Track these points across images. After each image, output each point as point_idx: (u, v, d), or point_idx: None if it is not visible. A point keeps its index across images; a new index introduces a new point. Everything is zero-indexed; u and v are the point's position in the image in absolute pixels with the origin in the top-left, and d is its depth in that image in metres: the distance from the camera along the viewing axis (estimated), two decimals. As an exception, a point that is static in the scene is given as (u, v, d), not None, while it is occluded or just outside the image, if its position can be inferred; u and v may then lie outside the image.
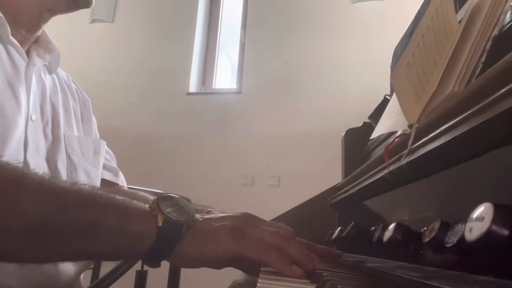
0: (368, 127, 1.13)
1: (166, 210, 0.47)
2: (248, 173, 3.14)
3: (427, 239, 0.41)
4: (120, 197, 0.48)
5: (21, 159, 0.66)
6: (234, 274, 0.72)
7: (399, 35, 1.05)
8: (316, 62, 3.22)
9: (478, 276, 0.35)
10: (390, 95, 1.06)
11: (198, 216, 0.50)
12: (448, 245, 0.37)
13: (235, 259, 0.48)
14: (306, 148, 3.02)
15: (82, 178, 0.78)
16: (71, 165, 0.77)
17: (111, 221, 0.44)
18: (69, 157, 0.77)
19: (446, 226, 0.39)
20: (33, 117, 0.71)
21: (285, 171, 3.06)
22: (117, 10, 3.73)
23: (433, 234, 0.40)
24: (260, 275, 0.47)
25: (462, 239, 0.34)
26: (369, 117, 1.13)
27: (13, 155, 0.63)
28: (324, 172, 2.28)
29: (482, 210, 0.30)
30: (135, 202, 0.49)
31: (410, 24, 0.98)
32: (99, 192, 0.48)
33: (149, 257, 0.47)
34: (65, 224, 0.43)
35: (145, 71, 3.54)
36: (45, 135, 0.74)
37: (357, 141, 1.16)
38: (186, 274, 1.81)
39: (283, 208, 1.29)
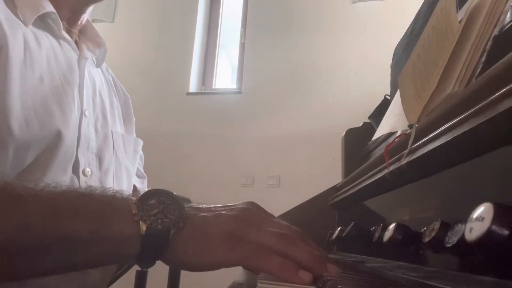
0: (368, 127, 1.13)
1: (151, 214, 0.42)
2: (248, 173, 3.14)
3: (427, 239, 0.41)
4: (99, 197, 0.43)
5: (73, 155, 0.65)
6: (234, 274, 0.72)
7: (399, 35, 1.05)
8: (316, 62, 3.22)
9: (478, 276, 0.34)
10: (391, 95, 1.06)
11: (190, 209, 0.45)
12: (448, 245, 0.37)
13: (233, 266, 0.44)
14: (306, 148, 3.02)
15: (124, 176, 0.77)
16: (117, 162, 0.76)
17: (83, 231, 0.40)
18: (116, 154, 0.76)
19: (446, 226, 0.39)
20: (86, 112, 0.70)
21: (285, 171, 3.06)
22: (117, 10, 3.73)
23: (433, 234, 0.40)
24: (260, 275, 0.47)
25: (462, 239, 0.34)
26: (369, 117, 1.13)
27: (67, 151, 0.63)
28: (324, 172, 2.28)
29: (482, 210, 0.30)
30: (117, 200, 0.44)
31: (410, 24, 0.98)
32: (73, 194, 0.43)
33: (137, 262, 0.43)
34: (32, 241, 0.39)
35: (145, 71, 3.54)
36: (96, 130, 0.73)
37: (357, 141, 1.16)
38: (186, 274, 1.81)
39: (283, 208, 1.29)
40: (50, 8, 0.66)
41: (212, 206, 0.47)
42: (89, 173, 0.68)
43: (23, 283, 0.57)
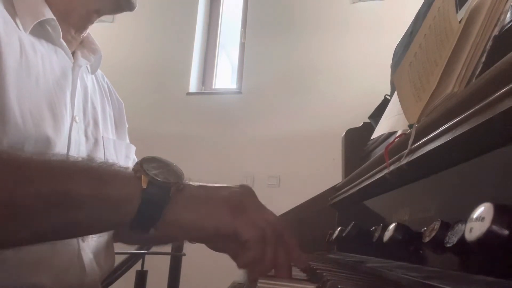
0: (368, 127, 1.13)
1: (152, 172, 0.43)
2: (248, 173, 3.13)
3: (427, 239, 0.41)
4: (98, 162, 0.44)
5: None
6: (234, 274, 0.72)
7: (399, 35, 1.06)
8: (316, 62, 3.22)
9: (478, 276, 0.35)
10: (391, 95, 1.06)
11: (190, 182, 0.46)
12: (448, 245, 0.37)
13: (226, 235, 0.44)
14: (306, 148, 3.02)
15: None
16: None
17: (85, 188, 0.41)
18: (106, 160, 0.77)
19: (446, 226, 0.39)
20: (77, 118, 0.71)
21: (285, 171, 3.06)
22: (117, 10, 3.71)
23: (433, 234, 0.40)
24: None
25: (462, 239, 0.34)
26: (369, 117, 1.13)
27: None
28: (324, 172, 2.28)
29: (482, 210, 0.30)
30: (116, 166, 0.45)
31: (411, 24, 0.98)
32: (73, 159, 0.44)
33: (135, 224, 0.43)
34: (31, 198, 0.39)
35: (145, 71, 3.54)
36: (86, 136, 0.74)
37: (357, 141, 1.16)
38: (186, 274, 1.81)
39: (283, 208, 1.28)
40: (49, 15, 0.67)
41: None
42: None
43: (20, 281, 0.57)
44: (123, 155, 0.84)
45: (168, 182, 0.43)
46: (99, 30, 0.80)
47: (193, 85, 3.55)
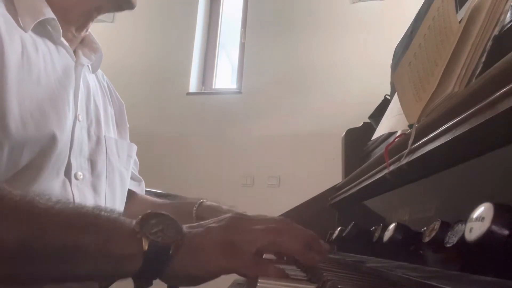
0: (368, 127, 1.13)
1: (152, 231, 0.44)
2: (248, 173, 3.14)
3: (427, 239, 0.41)
4: (106, 215, 0.46)
5: (66, 159, 0.66)
6: (234, 274, 0.72)
7: (399, 35, 1.06)
8: (316, 62, 3.22)
9: (478, 276, 0.35)
10: (391, 95, 1.06)
11: (186, 229, 0.47)
12: (448, 245, 0.37)
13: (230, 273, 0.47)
14: (306, 148, 3.02)
15: (117, 180, 0.79)
16: (110, 167, 0.77)
17: (91, 244, 0.43)
18: (108, 159, 0.77)
19: (446, 226, 0.39)
20: (80, 117, 0.71)
21: (285, 171, 3.06)
22: (117, 10, 3.71)
23: (433, 234, 0.40)
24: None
25: (462, 239, 0.34)
26: (369, 117, 1.13)
27: (60, 154, 0.64)
28: (324, 172, 2.28)
29: (482, 210, 0.30)
30: (121, 220, 0.46)
31: (411, 24, 0.98)
32: (83, 210, 0.46)
33: (137, 279, 0.45)
34: (43, 249, 0.41)
35: (145, 71, 3.54)
36: (89, 135, 0.74)
37: (357, 141, 1.16)
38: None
39: (283, 208, 1.29)
40: (50, 14, 0.67)
41: (202, 222, 0.50)
42: (81, 177, 0.69)
43: None
44: (125, 154, 0.84)
45: (167, 243, 0.44)
46: (99, 30, 0.80)
47: (193, 85, 3.55)
